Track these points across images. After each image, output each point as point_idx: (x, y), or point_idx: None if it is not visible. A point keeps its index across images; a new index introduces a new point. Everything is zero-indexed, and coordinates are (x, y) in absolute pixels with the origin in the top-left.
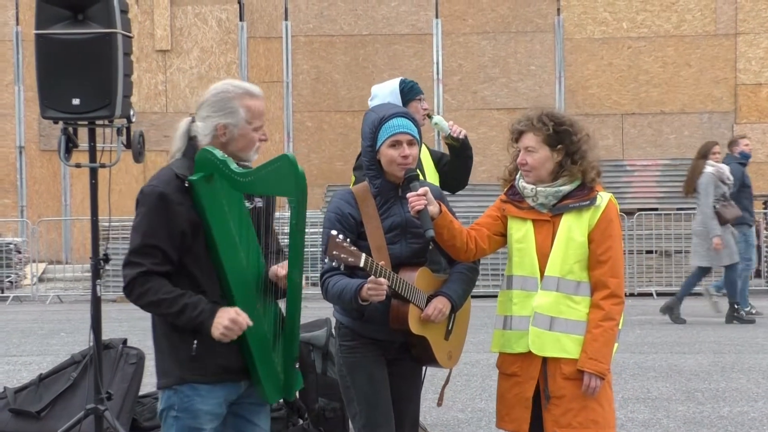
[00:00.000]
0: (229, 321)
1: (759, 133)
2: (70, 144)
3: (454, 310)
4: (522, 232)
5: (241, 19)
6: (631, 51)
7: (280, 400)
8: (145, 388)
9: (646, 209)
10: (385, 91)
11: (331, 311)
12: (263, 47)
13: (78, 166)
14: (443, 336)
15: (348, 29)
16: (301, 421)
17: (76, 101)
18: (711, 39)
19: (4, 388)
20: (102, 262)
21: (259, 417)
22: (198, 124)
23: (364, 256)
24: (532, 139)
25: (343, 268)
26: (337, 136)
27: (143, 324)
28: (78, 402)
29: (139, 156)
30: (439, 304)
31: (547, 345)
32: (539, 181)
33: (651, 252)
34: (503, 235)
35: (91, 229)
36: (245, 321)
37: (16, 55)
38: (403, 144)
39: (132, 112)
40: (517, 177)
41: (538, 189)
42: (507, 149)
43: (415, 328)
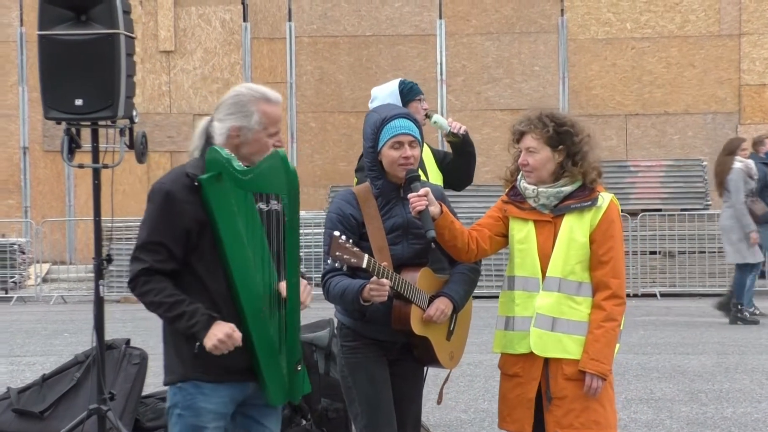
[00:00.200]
0: (224, 335)
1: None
2: (73, 145)
3: (455, 310)
4: (523, 233)
5: (244, 20)
6: (635, 51)
7: (285, 402)
8: (148, 388)
9: (650, 210)
10: (384, 93)
11: (333, 312)
12: (267, 48)
13: (81, 166)
14: (445, 336)
15: (351, 30)
16: (304, 422)
17: (79, 102)
18: (715, 39)
19: (8, 388)
20: (105, 263)
21: (269, 419)
22: (215, 124)
23: (366, 256)
24: (533, 140)
25: (345, 268)
26: (340, 137)
27: (146, 324)
28: (81, 402)
29: (142, 156)
30: (441, 305)
31: (549, 346)
32: (540, 181)
33: (655, 253)
34: (505, 235)
35: (93, 230)
36: (239, 339)
37: (20, 56)
38: (404, 145)
39: (135, 113)
40: (519, 178)
41: (540, 190)
42: (508, 150)
43: (417, 328)
